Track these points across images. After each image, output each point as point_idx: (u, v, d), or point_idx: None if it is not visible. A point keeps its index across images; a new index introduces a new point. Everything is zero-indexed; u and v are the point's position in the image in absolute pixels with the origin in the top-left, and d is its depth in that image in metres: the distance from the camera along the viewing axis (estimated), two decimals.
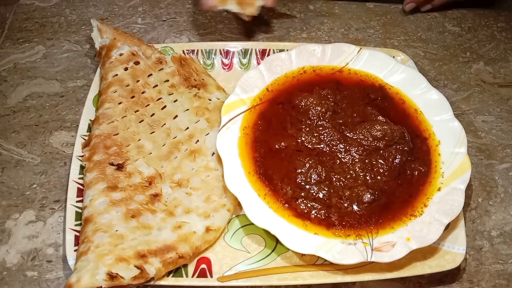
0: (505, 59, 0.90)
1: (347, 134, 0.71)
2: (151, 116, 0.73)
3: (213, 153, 0.70)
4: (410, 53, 0.89)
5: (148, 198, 0.66)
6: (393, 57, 0.80)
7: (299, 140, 0.71)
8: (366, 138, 0.71)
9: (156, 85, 0.75)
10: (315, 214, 0.65)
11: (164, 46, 0.81)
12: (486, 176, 0.76)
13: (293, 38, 0.90)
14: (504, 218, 0.72)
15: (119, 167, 0.67)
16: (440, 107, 0.74)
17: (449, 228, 0.66)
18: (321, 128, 0.72)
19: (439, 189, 0.67)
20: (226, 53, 0.82)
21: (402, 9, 0.96)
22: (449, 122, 0.72)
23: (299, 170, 0.68)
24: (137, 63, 0.76)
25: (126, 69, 0.75)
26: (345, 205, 0.66)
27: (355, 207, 0.66)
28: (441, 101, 0.74)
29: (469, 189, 0.74)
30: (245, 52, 0.82)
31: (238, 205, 0.66)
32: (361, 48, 0.78)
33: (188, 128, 0.73)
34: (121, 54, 0.75)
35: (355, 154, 0.70)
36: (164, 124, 0.73)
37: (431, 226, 0.64)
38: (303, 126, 0.72)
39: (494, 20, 0.96)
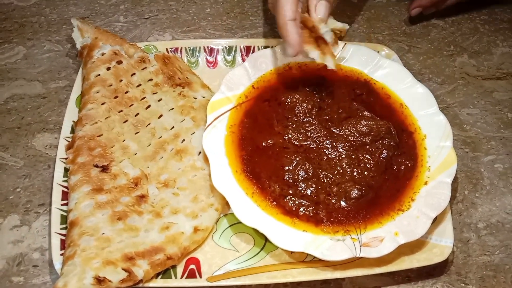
0: (489, 52, 0.90)
1: (334, 130, 0.71)
2: (135, 116, 0.72)
3: (200, 152, 0.70)
4: (394, 48, 0.89)
5: (134, 200, 0.65)
6: (378, 52, 0.80)
7: (286, 138, 0.71)
8: (352, 134, 0.71)
9: (140, 85, 0.74)
10: (304, 211, 0.65)
11: (147, 44, 0.80)
12: (472, 168, 0.77)
13: (278, 34, 0.89)
14: (490, 210, 0.73)
15: (104, 168, 0.66)
16: (425, 101, 0.74)
17: (436, 221, 0.66)
18: (307, 125, 0.72)
19: (425, 183, 0.68)
20: (210, 51, 0.81)
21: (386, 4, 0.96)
22: (434, 116, 0.73)
23: (287, 168, 0.67)
24: (119, 62, 0.74)
25: (108, 68, 0.73)
26: (333, 201, 0.66)
27: (343, 203, 0.66)
28: (426, 95, 0.74)
29: (455, 182, 0.74)
30: (229, 49, 0.82)
31: (226, 204, 0.66)
32: (345, 43, 0.78)
33: (173, 127, 0.72)
34: (103, 54, 0.74)
35: (341, 150, 0.70)
36: (149, 124, 0.72)
37: (418, 220, 0.64)
38: (290, 123, 0.72)
39: (477, 13, 0.96)
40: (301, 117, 0.72)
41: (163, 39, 0.87)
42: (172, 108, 0.74)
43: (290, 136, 0.71)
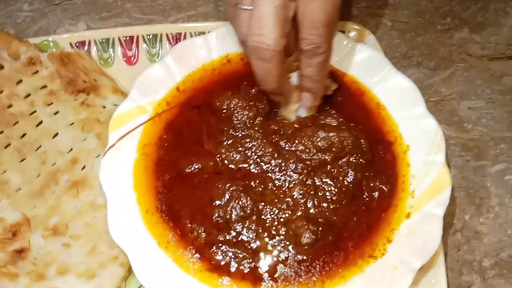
0: (496, 23, 0.70)
1: (283, 145, 0.53)
2: (21, 137, 0.55)
3: None
4: (372, 24, 0.69)
5: (8, 257, 0.48)
6: (345, 33, 0.61)
7: (219, 159, 0.53)
8: (307, 150, 0.52)
9: (29, 95, 0.57)
10: (237, 266, 0.48)
11: (44, 40, 0.62)
12: (475, 183, 0.58)
13: (223, 14, 0.70)
14: (500, 241, 0.54)
15: None
16: (409, 98, 0.55)
17: (421, 267, 0.48)
18: (248, 140, 0.53)
19: (407, 216, 0.49)
20: (129, 42, 0.63)
21: None
22: (420, 118, 0.54)
23: (217, 203, 0.50)
24: (0, 67, 0.57)
25: None
26: (279, 248, 0.48)
27: (292, 251, 0.48)
28: (409, 90, 0.55)
29: (452, 203, 0.56)
30: (153, 39, 0.63)
31: None
32: None
33: (71, 149, 0.54)
34: None
35: (292, 174, 0.51)
36: (40, 146, 0.54)
37: (396, 272, 0.46)
38: (224, 138, 0.54)
39: None
40: (241, 129, 0.54)
41: (76, 29, 0.68)
42: (72, 123, 0.56)
43: (224, 156, 0.53)
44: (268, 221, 0.49)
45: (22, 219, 0.50)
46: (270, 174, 0.52)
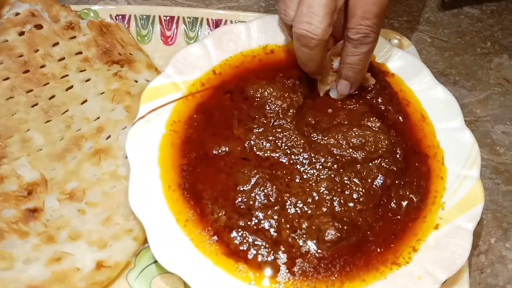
0: None
1: (315, 139, 0.52)
2: (50, 99, 0.54)
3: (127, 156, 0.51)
4: (413, 38, 0.68)
5: (21, 214, 0.46)
6: (389, 40, 0.60)
7: (247, 145, 0.51)
8: (339, 145, 0.51)
9: (63, 58, 0.56)
10: (255, 254, 0.46)
11: (86, 8, 0.61)
12: (504, 207, 0.56)
13: (264, 9, 0.70)
14: None
15: None
16: (447, 110, 0.54)
17: (445, 282, 0.46)
18: (279, 130, 0.52)
19: (436, 227, 0.48)
20: (169, 22, 0.62)
21: None
22: (457, 131, 0.52)
23: (240, 188, 0.48)
24: (38, 27, 0.56)
25: (21, 33, 0.55)
26: (300, 242, 0.47)
27: (313, 247, 0.46)
28: (448, 102, 0.54)
29: (478, 224, 0.54)
30: (193, 22, 0.62)
31: None
32: None
33: (98, 118, 0.53)
34: (16, 14, 0.56)
35: (321, 168, 0.50)
36: (66, 111, 0.53)
37: (420, 282, 0.44)
38: (255, 126, 0.52)
39: None
40: (273, 119, 0.53)
41: (116, 5, 0.68)
42: (102, 92, 0.55)
43: (253, 143, 0.51)
44: (291, 213, 0.48)
45: (40, 179, 0.49)
46: (298, 166, 0.50)
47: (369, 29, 0.47)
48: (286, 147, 0.51)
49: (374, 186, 0.49)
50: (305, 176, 0.50)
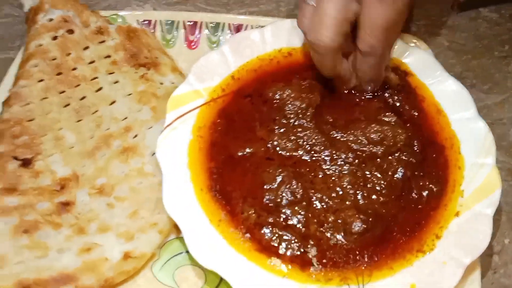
0: None
1: (335, 135, 0.54)
2: (81, 99, 0.57)
3: (153, 153, 0.54)
4: (431, 42, 0.69)
5: (54, 207, 0.50)
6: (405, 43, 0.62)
7: (270, 145, 0.53)
8: (359, 141, 0.53)
9: (93, 61, 0.59)
10: (286, 249, 0.48)
11: (114, 14, 0.65)
12: None
13: (283, 14, 0.72)
14: None
15: (26, 163, 0.52)
16: (460, 101, 0.56)
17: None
18: (300, 129, 0.54)
19: (457, 214, 0.50)
20: (193, 27, 0.65)
21: None
22: (470, 122, 0.54)
23: (267, 186, 0.50)
24: (70, 32, 0.59)
25: (55, 38, 0.59)
26: (328, 235, 0.49)
27: (341, 239, 0.48)
28: (461, 94, 0.56)
29: (493, 224, 0.55)
30: (215, 27, 0.65)
31: (175, 225, 0.50)
32: None
33: (126, 118, 0.56)
34: (50, 20, 0.59)
35: (343, 164, 0.52)
36: (96, 111, 0.56)
37: (445, 267, 0.46)
38: (276, 127, 0.55)
39: None
40: (292, 119, 0.55)
41: (142, 11, 0.71)
42: (130, 94, 0.58)
43: (275, 143, 0.53)
44: (317, 208, 0.50)
45: (71, 175, 0.52)
46: (320, 163, 0.52)
47: (376, 42, 0.49)
48: (307, 146, 0.53)
49: (395, 178, 0.51)
50: (328, 172, 0.52)
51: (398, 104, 0.56)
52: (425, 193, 0.52)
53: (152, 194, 0.51)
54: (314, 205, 0.50)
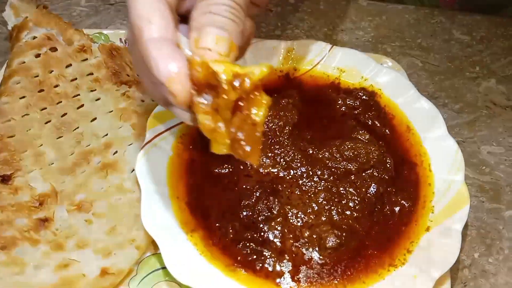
0: None
1: (312, 153, 0.55)
2: (62, 116, 0.58)
3: (133, 170, 0.55)
4: (404, 63, 0.72)
5: (33, 223, 0.50)
6: (381, 64, 0.64)
7: (248, 162, 0.55)
8: (333, 158, 0.55)
9: (75, 79, 0.60)
10: (262, 264, 0.49)
11: (98, 32, 0.66)
12: (487, 224, 0.59)
13: (264, 35, 0.74)
14: (507, 283, 0.55)
15: (5, 179, 0.52)
16: (431, 120, 0.58)
17: None
18: (277, 146, 0.56)
19: (427, 229, 0.52)
20: None
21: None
22: (441, 140, 0.57)
23: (245, 202, 0.52)
24: (53, 49, 0.61)
25: (38, 56, 0.60)
26: (303, 250, 0.50)
27: (315, 254, 0.50)
28: (431, 113, 0.59)
29: (463, 239, 0.56)
30: None
31: (152, 242, 0.50)
32: (332, 46, 0.62)
33: (107, 134, 0.57)
34: (34, 38, 0.60)
35: (318, 180, 0.54)
36: (77, 128, 0.57)
37: (416, 281, 0.48)
38: None
39: None
40: (271, 136, 0.57)
41: (126, 29, 0.73)
42: (111, 111, 0.59)
43: None
44: (293, 224, 0.51)
45: (51, 191, 0.52)
46: (297, 179, 0.54)
47: None
48: (284, 163, 0.55)
49: (368, 194, 0.53)
50: (304, 189, 0.53)
51: (369, 122, 0.58)
52: (397, 209, 0.54)
53: (130, 210, 0.52)
54: (290, 221, 0.52)
